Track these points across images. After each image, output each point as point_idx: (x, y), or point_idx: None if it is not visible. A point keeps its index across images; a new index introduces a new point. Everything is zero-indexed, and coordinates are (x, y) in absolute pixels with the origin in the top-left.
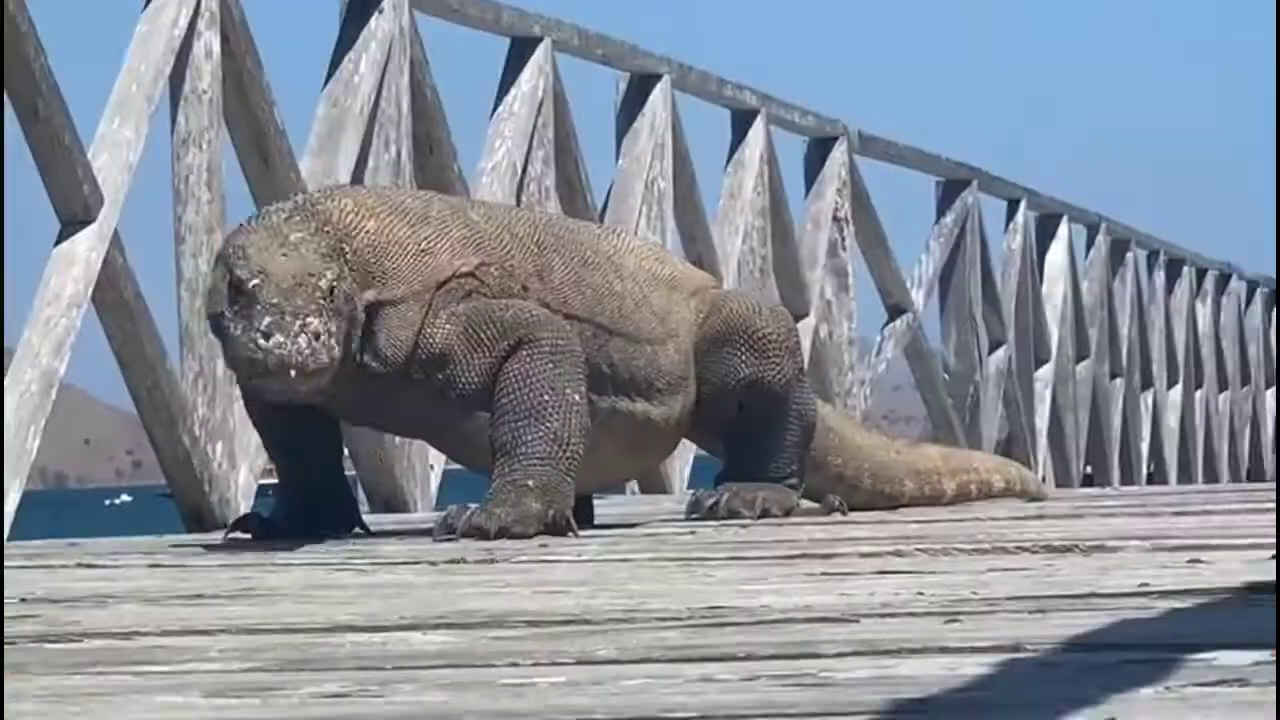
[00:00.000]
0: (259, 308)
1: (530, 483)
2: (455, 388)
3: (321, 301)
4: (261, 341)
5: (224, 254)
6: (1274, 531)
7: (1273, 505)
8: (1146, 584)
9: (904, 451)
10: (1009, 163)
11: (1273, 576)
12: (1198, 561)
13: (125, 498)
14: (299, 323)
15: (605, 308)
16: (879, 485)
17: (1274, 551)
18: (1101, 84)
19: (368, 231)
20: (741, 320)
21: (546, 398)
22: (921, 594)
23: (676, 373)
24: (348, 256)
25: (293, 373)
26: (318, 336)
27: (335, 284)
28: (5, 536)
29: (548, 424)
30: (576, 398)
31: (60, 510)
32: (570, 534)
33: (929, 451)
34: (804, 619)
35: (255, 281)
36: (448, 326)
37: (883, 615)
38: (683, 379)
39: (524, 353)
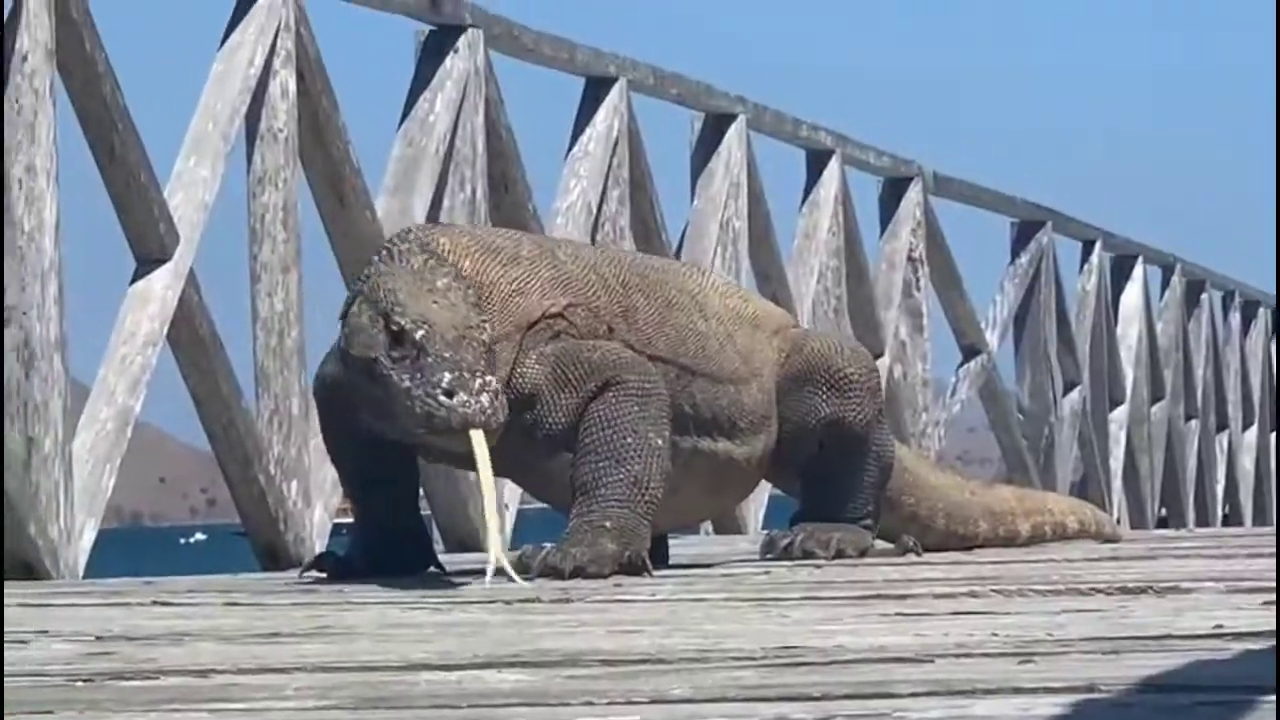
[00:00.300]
0: (431, 360)
1: (607, 524)
2: (542, 427)
3: (487, 357)
4: (444, 399)
5: (372, 296)
6: None
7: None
8: (1221, 625)
9: (979, 492)
10: (1084, 203)
11: None
12: (1272, 603)
13: (200, 536)
14: (479, 380)
15: (689, 348)
16: (953, 526)
17: None
18: (1179, 124)
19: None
20: (823, 359)
21: (629, 440)
22: (995, 634)
23: (760, 412)
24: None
25: (473, 432)
26: (496, 395)
27: (493, 338)
28: (80, 575)
29: (629, 467)
30: (659, 442)
31: (135, 548)
32: (645, 574)
33: (1003, 493)
34: (878, 659)
35: (422, 332)
36: (536, 367)
37: (957, 655)
38: (765, 418)
39: (610, 394)
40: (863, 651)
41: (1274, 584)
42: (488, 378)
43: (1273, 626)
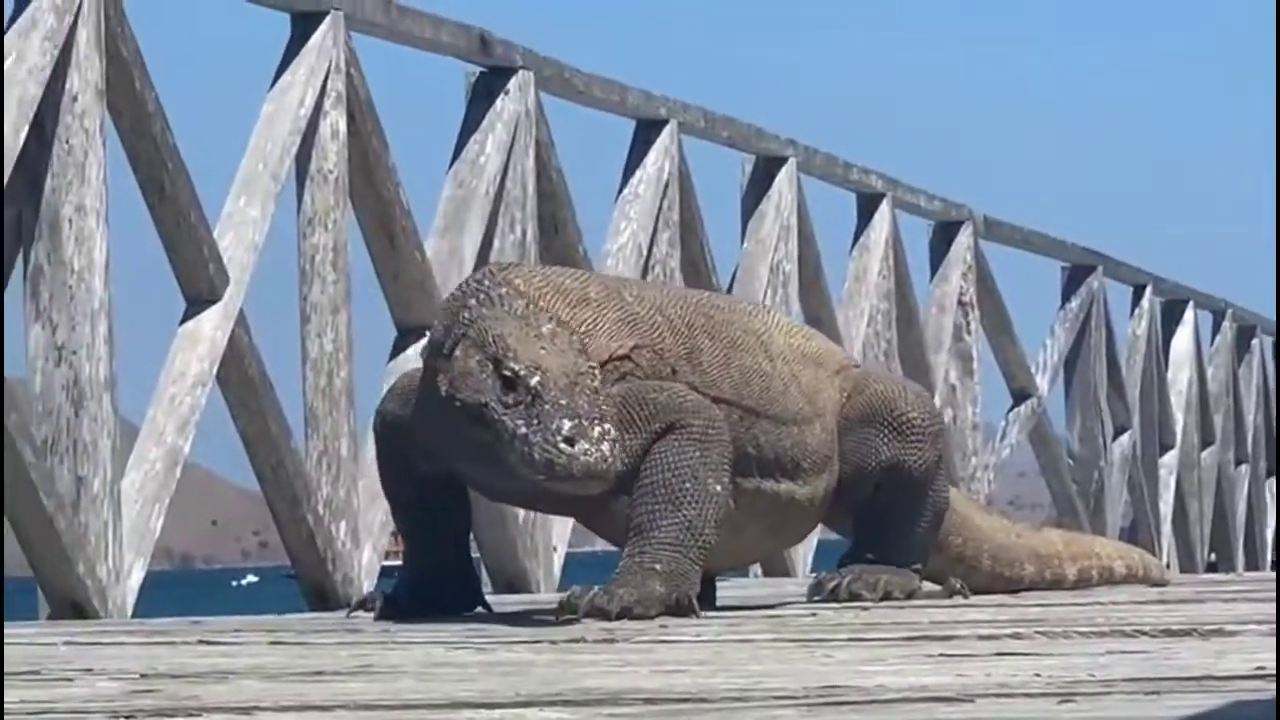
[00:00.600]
0: (549, 408)
1: (657, 566)
2: None
3: (602, 406)
4: (565, 447)
5: (480, 341)
6: None
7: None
8: (1262, 667)
9: (1025, 535)
10: (1135, 247)
11: None
12: None
13: (251, 578)
14: (599, 428)
15: (753, 389)
16: (999, 568)
17: None
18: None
19: None
20: (886, 402)
21: (688, 485)
22: (1038, 675)
23: (823, 452)
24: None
25: (592, 480)
26: (616, 443)
27: (600, 383)
28: (128, 614)
29: (684, 511)
30: (718, 488)
31: (186, 590)
32: (693, 616)
33: (1051, 536)
34: (919, 698)
35: (537, 379)
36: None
37: (998, 695)
38: (828, 458)
39: (673, 437)
40: (904, 691)
41: None
42: (606, 425)
43: None
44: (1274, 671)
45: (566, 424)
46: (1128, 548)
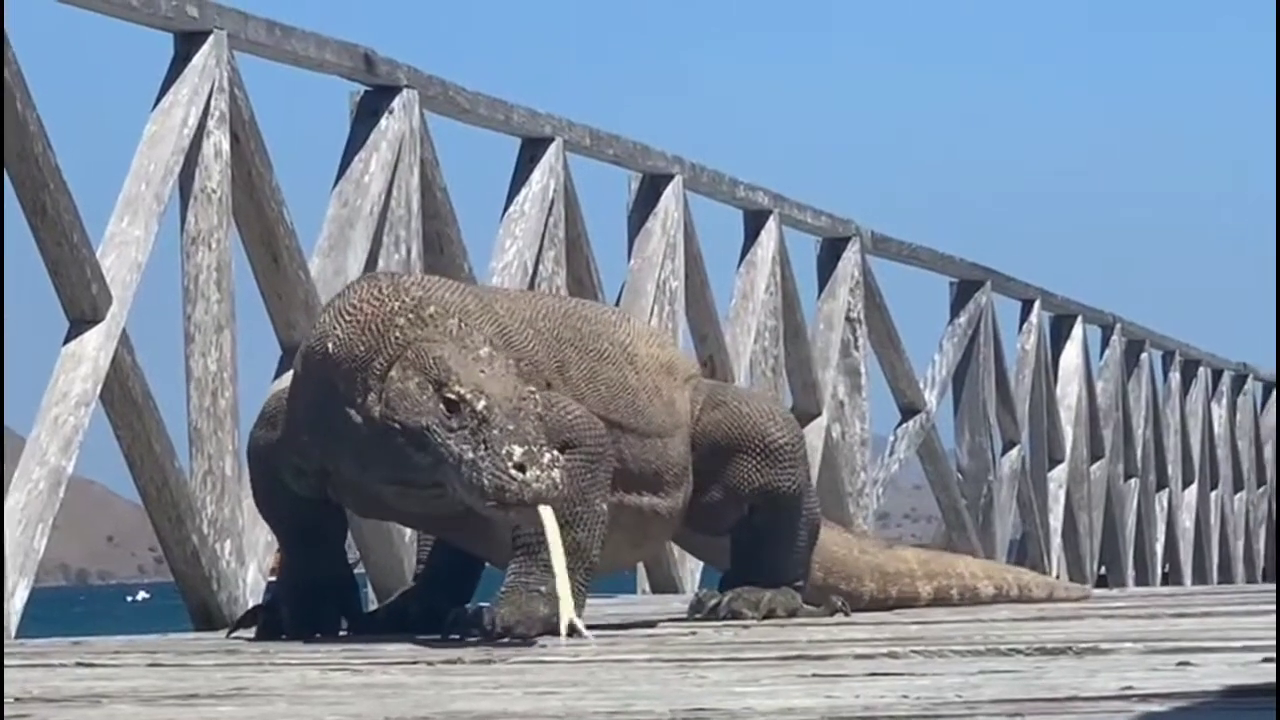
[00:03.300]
0: (497, 433)
1: (543, 588)
2: None
3: (542, 428)
4: (517, 474)
5: (419, 364)
6: (1268, 634)
7: (1273, 608)
8: (1130, 687)
9: (871, 552)
10: (1023, 263)
11: (1261, 679)
12: (1187, 664)
13: (143, 595)
14: (548, 455)
15: (620, 403)
16: (832, 580)
17: (1266, 654)
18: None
19: None
20: (755, 427)
21: (580, 509)
22: (906, 696)
23: (682, 464)
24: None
25: (542, 507)
26: (564, 470)
27: (542, 408)
28: (12, 635)
29: (576, 533)
30: (604, 506)
31: (80, 607)
32: (578, 636)
33: (904, 554)
34: None
35: (483, 403)
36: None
37: (863, 718)
38: (686, 469)
39: (568, 458)
40: (769, 714)
41: (1191, 645)
42: (555, 452)
43: (1184, 688)
44: (1142, 692)
45: (517, 450)
46: (1000, 568)
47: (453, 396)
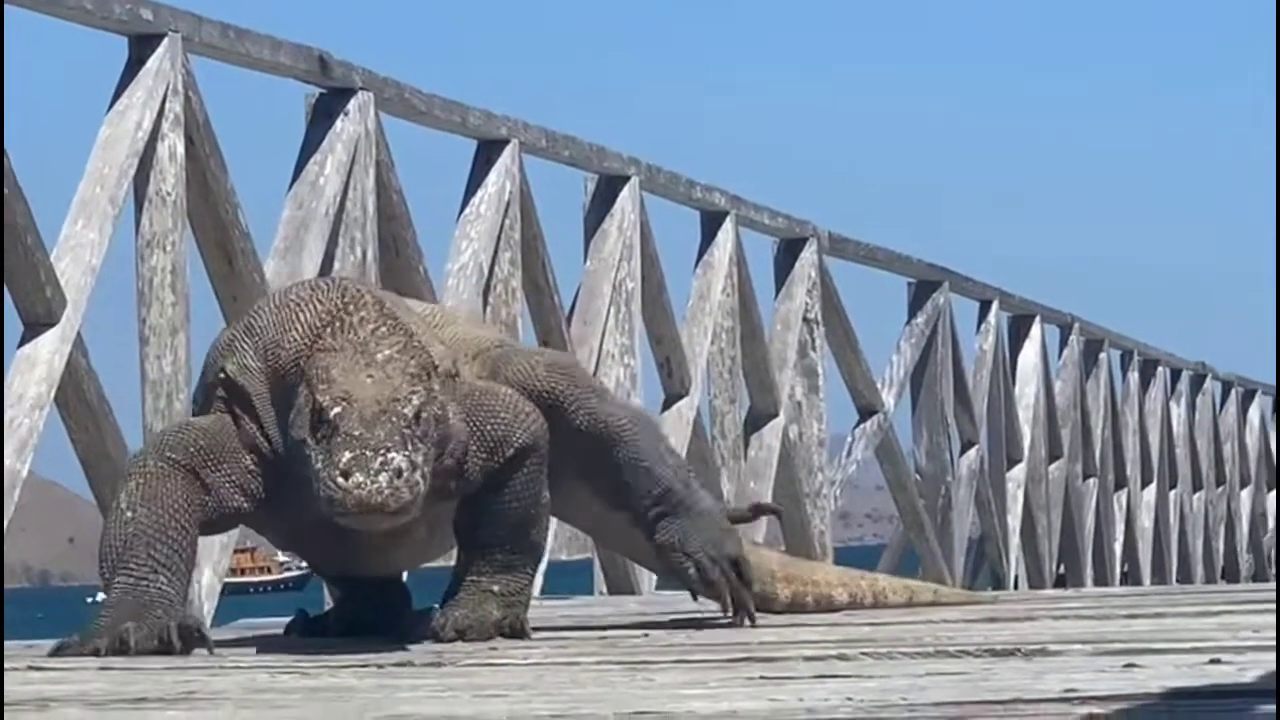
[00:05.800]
0: (339, 440)
1: (495, 588)
2: None
3: (406, 431)
4: (341, 480)
5: (309, 374)
6: (1218, 635)
7: (1227, 608)
8: (1074, 689)
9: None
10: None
11: (1204, 681)
12: (1133, 666)
13: (103, 596)
14: (379, 459)
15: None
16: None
17: (1214, 655)
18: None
19: None
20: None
21: (534, 512)
22: (850, 699)
23: None
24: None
25: (372, 515)
26: (399, 473)
27: (422, 408)
28: None
29: (531, 535)
30: (547, 495)
31: (40, 608)
32: (525, 639)
33: (767, 555)
34: None
35: (337, 410)
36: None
37: None
38: None
39: (530, 462)
40: (711, 717)
41: (1139, 646)
42: (392, 455)
43: (1130, 690)
44: (1084, 694)
45: (346, 455)
46: (857, 575)
47: (315, 406)
